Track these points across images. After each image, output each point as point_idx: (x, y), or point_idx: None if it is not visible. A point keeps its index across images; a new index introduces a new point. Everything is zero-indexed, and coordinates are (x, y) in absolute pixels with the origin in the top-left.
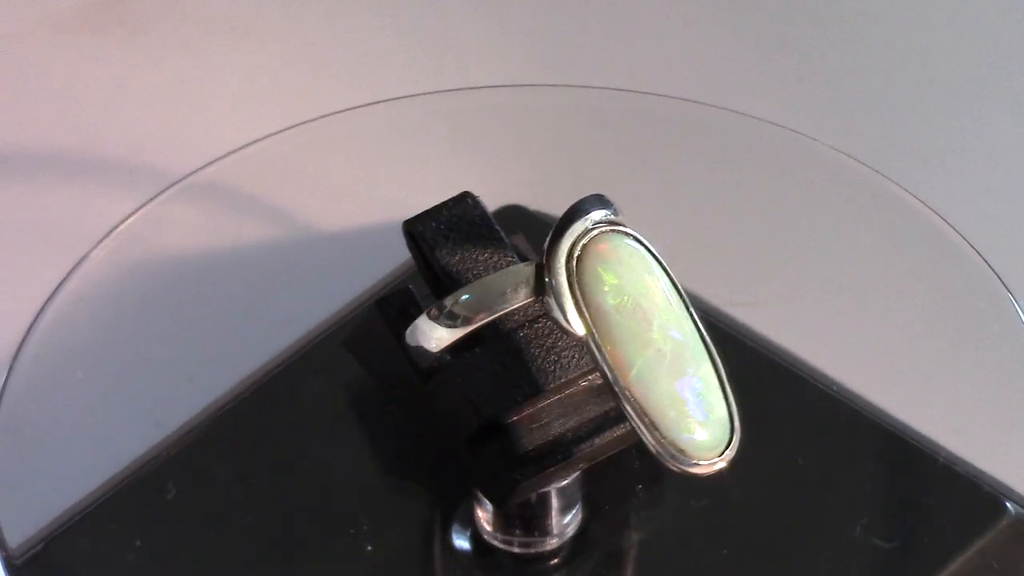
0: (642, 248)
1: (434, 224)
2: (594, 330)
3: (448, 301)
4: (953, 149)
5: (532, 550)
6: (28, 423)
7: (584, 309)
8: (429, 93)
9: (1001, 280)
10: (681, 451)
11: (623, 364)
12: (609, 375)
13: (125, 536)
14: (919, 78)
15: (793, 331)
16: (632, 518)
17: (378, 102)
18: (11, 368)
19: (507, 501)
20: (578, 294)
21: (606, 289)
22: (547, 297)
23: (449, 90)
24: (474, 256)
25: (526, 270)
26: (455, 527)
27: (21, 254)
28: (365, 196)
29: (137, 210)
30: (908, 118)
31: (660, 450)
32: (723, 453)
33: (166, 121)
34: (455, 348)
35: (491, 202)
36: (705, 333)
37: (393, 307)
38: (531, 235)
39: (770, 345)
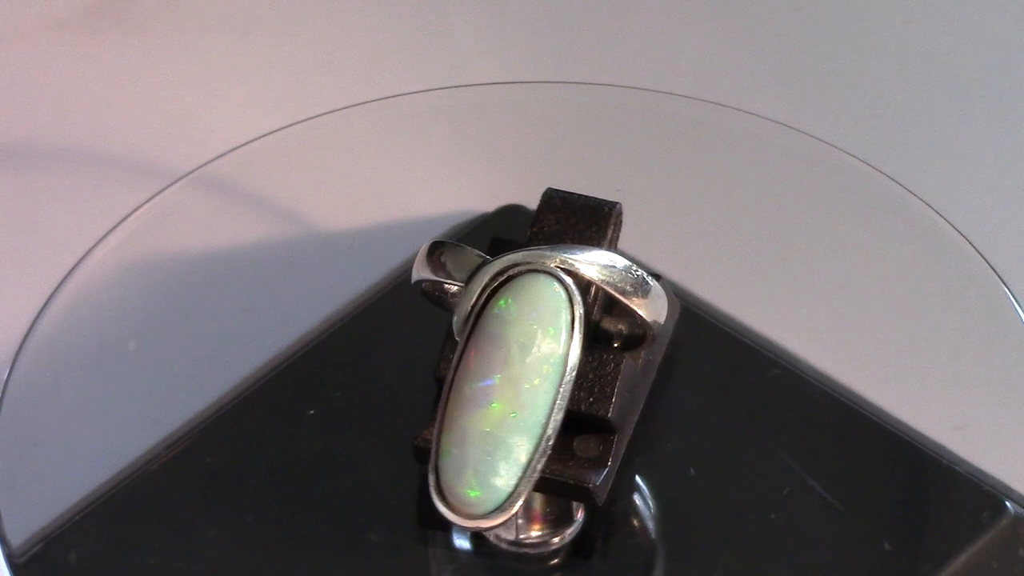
0: (569, 311)
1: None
2: (465, 342)
3: (445, 245)
4: (954, 148)
5: (532, 550)
6: (28, 423)
7: (470, 320)
8: (429, 90)
9: (1002, 280)
10: (441, 488)
11: (465, 383)
12: (447, 385)
13: (125, 536)
14: (920, 77)
15: (793, 331)
16: (632, 519)
17: (378, 100)
18: (12, 368)
19: None
20: (476, 308)
21: (499, 317)
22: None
23: (449, 87)
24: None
25: (478, 261)
26: (455, 527)
27: (21, 254)
28: (365, 195)
29: (137, 209)
30: (909, 117)
31: (429, 474)
32: (473, 518)
33: (166, 120)
34: None
35: (491, 202)
36: (555, 417)
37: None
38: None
39: (770, 345)
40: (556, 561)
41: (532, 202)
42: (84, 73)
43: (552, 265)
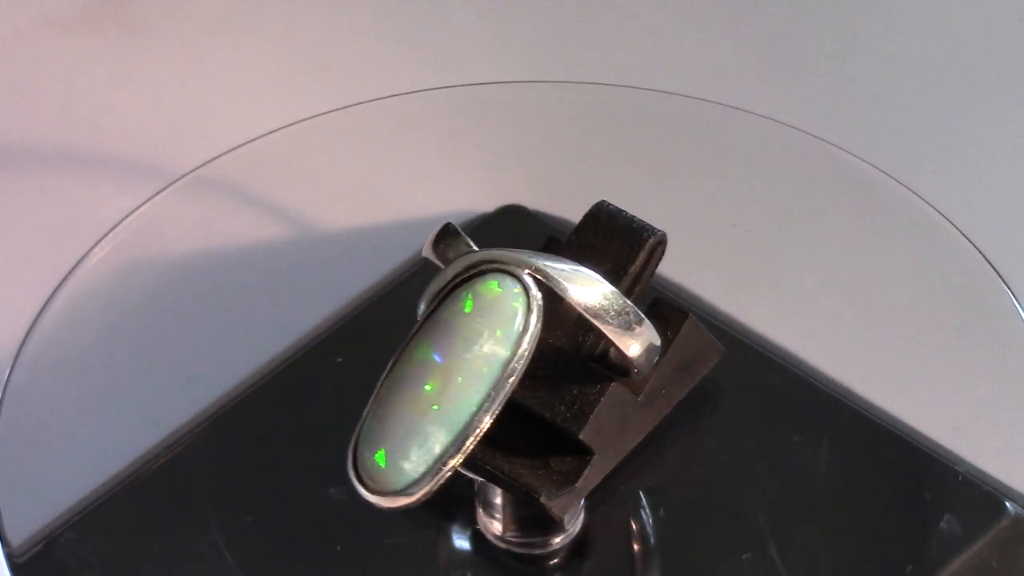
0: (523, 318)
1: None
2: (420, 325)
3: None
4: (955, 148)
5: (532, 551)
6: (28, 423)
7: (432, 305)
8: (429, 90)
9: (1003, 280)
10: (356, 454)
11: (406, 363)
12: (395, 357)
13: (125, 536)
14: (921, 77)
15: (793, 331)
16: (632, 519)
17: (377, 100)
18: (12, 368)
19: None
20: (441, 294)
21: (455, 308)
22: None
23: (449, 87)
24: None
25: (463, 251)
26: (455, 527)
27: (22, 253)
28: (365, 194)
29: (136, 209)
30: (910, 116)
31: (351, 445)
32: (374, 493)
33: (166, 120)
34: None
35: (491, 202)
36: (480, 418)
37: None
38: (531, 235)
39: (770, 345)
40: (556, 561)
41: (532, 202)
42: (84, 73)
43: (524, 271)
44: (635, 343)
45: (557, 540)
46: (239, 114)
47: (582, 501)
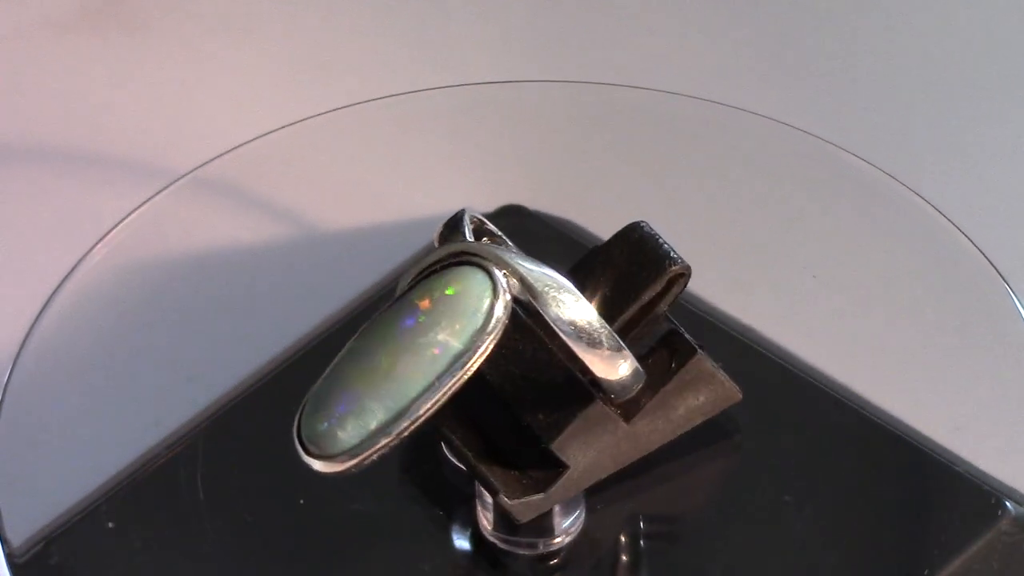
0: (485, 316)
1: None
2: (392, 302)
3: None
4: (956, 147)
5: (533, 551)
6: (28, 423)
7: (407, 283)
8: (429, 90)
9: (1004, 279)
10: (303, 412)
11: (369, 335)
12: (362, 328)
13: (125, 536)
14: (922, 76)
15: (793, 331)
16: (632, 520)
17: (377, 99)
18: (13, 368)
19: None
20: (419, 276)
21: (425, 291)
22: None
23: (450, 87)
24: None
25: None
26: (455, 527)
27: (22, 253)
28: (365, 194)
29: (136, 209)
30: (911, 116)
31: (301, 405)
32: (307, 452)
33: (166, 120)
34: None
35: (491, 202)
36: (420, 406)
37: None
38: (531, 235)
39: (770, 345)
40: (556, 561)
41: (532, 202)
42: (84, 73)
43: (500, 271)
44: (602, 364)
45: (557, 540)
46: (239, 114)
47: (582, 508)
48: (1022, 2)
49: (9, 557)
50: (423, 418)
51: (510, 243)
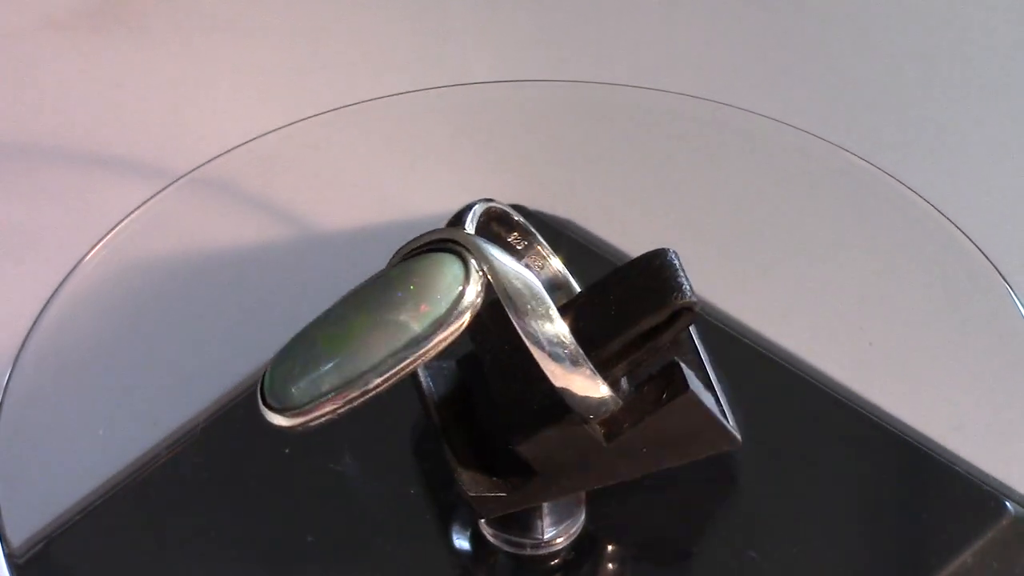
0: (451, 303)
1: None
2: (380, 275)
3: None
4: (956, 147)
5: (533, 551)
6: (28, 423)
7: (399, 258)
8: (429, 89)
9: (1004, 279)
10: (272, 362)
11: (349, 301)
12: (344, 295)
13: (125, 536)
14: (922, 76)
15: (793, 331)
16: (632, 521)
17: (377, 99)
18: (13, 368)
19: None
20: (406, 254)
21: (405, 268)
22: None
23: (450, 86)
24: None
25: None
26: (455, 527)
27: (22, 254)
28: (365, 194)
29: (136, 209)
30: (911, 116)
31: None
32: (264, 402)
33: (165, 120)
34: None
35: None
36: (370, 378)
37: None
38: None
39: (770, 345)
40: (556, 562)
41: (532, 202)
42: (84, 73)
43: (476, 264)
44: (562, 377)
45: (558, 541)
46: (239, 114)
47: (582, 509)
48: (1022, 2)
49: (9, 557)
50: (373, 392)
51: (539, 237)
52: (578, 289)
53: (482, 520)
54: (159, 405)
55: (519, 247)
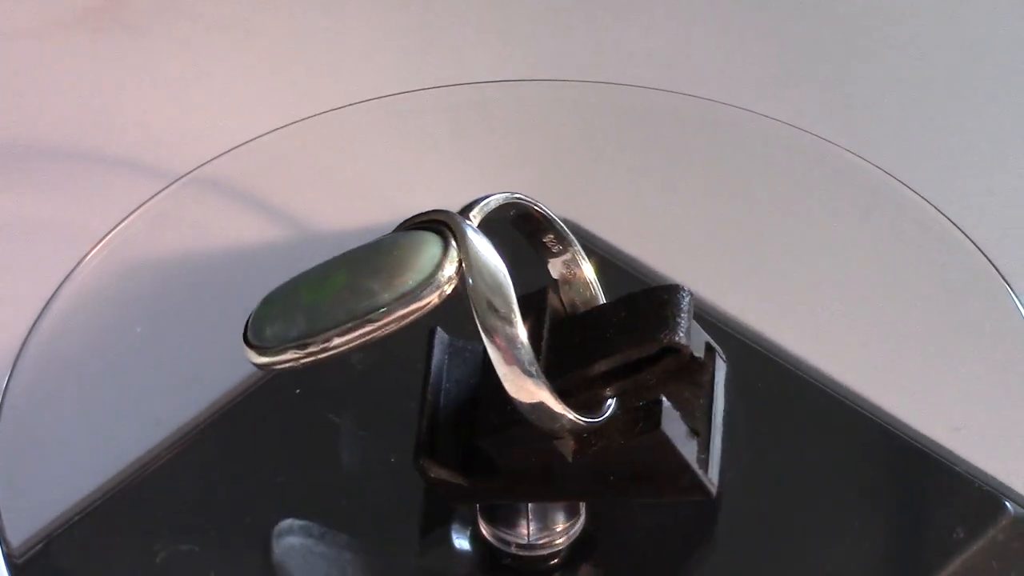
0: (419, 282)
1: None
2: (378, 240)
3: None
4: (956, 146)
5: (533, 552)
6: (28, 423)
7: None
8: (429, 89)
9: (1004, 279)
10: (257, 308)
11: (341, 258)
12: (343, 253)
13: (125, 536)
14: (922, 75)
15: (793, 331)
16: (632, 520)
17: (377, 99)
18: (13, 368)
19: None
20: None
21: (394, 239)
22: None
23: (450, 86)
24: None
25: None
26: (455, 527)
27: (22, 254)
28: (365, 194)
29: (136, 209)
30: (910, 116)
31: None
32: (244, 339)
33: (166, 120)
34: None
35: None
36: (331, 336)
37: None
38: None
39: (770, 345)
40: (556, 562)
41: None
42: (84, 73)
43: (456, 247)
44: (510, 381)
45: (559, 541)
46: (239, 114)
47: (582, 509)
48: (1022, 2)
49: (8, 557)
50: (332, 350)
51: (567, 233)
52: (602, 300)
53: (482, 520)
54: (159, 405)
55: (554, 249)
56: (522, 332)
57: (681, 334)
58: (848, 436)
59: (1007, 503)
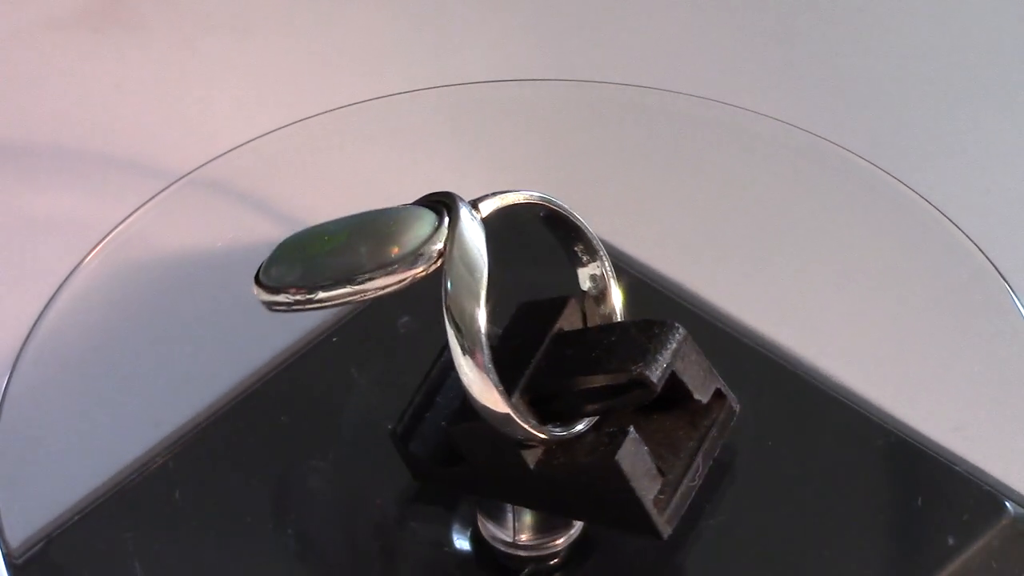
0: (403, 254)
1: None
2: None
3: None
4: (956, 146)
5: (533, 552)
6: (28, 423)
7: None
8: (429, 89)
9: (1004, 279)
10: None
11: (356, 216)
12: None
13: (124, 536)
14: (922, 75)
15: (793, 331)
16: None
17: (377, 99)
18: (13, 368)
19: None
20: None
21: (395, 208)
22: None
23: (449, 85)
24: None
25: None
26: (455, 527)
27: (22, 254)
28: (365, 194)
29: (137, 209)
30: (911, 115)
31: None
32: (256, 279)
33: (166, 120)
34: None
35: None
36: (316, 291)
37: None
38: (531, 235)
39: (770, 345)
40: (556, 562)
41: None
42: (84, 73)
43: (446, 226)
44: (465, 372)
45: (559, 542)
46: (239, 114)
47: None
48: (1022, 2)
49: (8, 557)
50: (317, 303)
51: (598, 245)
52: (620, 319)
53: (481, 519)
54: (159, 405)
55: (583, 259)
56: (482, 322)
57: (654, 369)
58: (848, 436)
59: (1007, 503)
